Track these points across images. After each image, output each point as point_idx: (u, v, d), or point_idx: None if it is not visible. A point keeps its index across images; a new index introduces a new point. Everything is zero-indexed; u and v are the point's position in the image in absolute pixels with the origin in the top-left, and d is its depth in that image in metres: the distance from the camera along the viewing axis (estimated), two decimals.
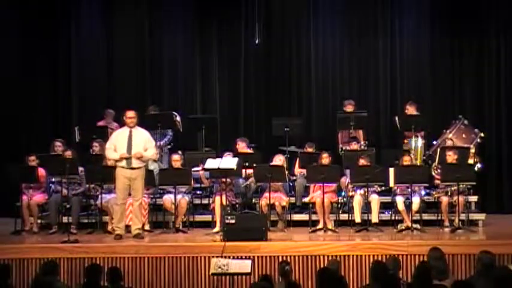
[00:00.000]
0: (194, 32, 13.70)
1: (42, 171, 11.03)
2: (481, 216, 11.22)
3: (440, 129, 12.19)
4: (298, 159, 11.90)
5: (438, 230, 10.69)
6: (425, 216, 10.90)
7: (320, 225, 10.72)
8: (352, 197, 10.92)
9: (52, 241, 10.22)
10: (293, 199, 11.58)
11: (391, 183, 10.74)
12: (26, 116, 13.22)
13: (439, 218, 10.91)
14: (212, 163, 10.54)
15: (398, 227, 10.63)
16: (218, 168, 10.43)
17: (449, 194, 10.83)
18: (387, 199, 11.07)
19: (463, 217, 10.76)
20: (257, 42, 13.16)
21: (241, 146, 11.83)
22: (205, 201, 11.65)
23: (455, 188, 10.63)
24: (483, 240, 10.26)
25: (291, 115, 13.17)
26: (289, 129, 12.25)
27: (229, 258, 8.71)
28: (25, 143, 12.91)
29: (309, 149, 11.89)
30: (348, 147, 11.99)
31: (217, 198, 10.78)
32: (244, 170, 11.23)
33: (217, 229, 10.52)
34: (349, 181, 10.97)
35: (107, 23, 13.79)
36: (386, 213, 11.07)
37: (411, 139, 11.98)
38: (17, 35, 13.34)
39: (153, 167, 11.21)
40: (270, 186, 10.73)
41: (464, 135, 11.93)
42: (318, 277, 7.04)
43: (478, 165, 11.49)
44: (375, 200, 10.76)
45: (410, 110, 12.24)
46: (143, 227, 10.60)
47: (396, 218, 10.85)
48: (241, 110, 13.62)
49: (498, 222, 11.41)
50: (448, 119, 12.38)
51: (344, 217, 11.07)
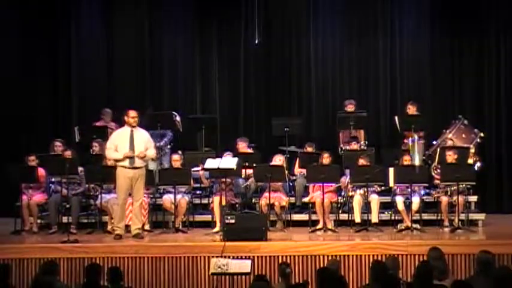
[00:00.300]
0: (194, 32, 13.70)
1: (42, 171, 11.03)
2: (480, 216, 11.22)
3: (440, 129, 12.18)
4: (298, 159, 11.90)
5: (438, 230, 10.70)
6: (425, 216, 10.90)
7: (320, 225, 10.72)
8: (352, 197, 10.92)
9: (52, 241, 10.21)
10: (293, 199, 11.58)
11: (391, 183, 10.75)
12: (26, 116, 13.19)
13: (439, 218, 10.92)
14: (212, 163, 10.54)
15: (398, 227, 10.64)
16: (218, 168, 10.43)
17: (449, 193, 10.83)
18: (387, 199, 11.08)
19: (463, 217, 10.76)
20: (257, 42, 13.17)
21: (242, 145, 11.83)
22: (205, 201, 11.64)
23: (455, 188, 10.63)
24: (483, 240, 10.26)
25: (291, 115, 13.16)
26: (289, 129, 12.24)
27: (229, 258, 8.70)
28: (25, 143, 12.88)
29: (308, 148, 11.89)
30: (348, 147, 11.99)
31: (216, 198, 10.79)
32: (244, 170, 11.23)
33: (217, 229, 10.53)
34: (349, 181, 10.97)
35: (107, 23, 13.79)
36: (386, 213, 11.07)
37: (409, 139, 11.98)
38: (17, 35, 13.33)
39: (152, 166, 11.21)
40: (270, 186, 10.73)
41: (464, 135, 11.92)
42: (317, 277, 7.03)
43: (478, 164, 11.49)
44: (375, 200, 10.76)
45: (412, 110, 12.23)
46: (143, 227, 10.60)
47: (396, 218, 10.86)
48: (241, 110, 13.62)
49: (498, 222, 11.41)
50: (448, 119, 12.37)
51: (344, 217, 11.07)
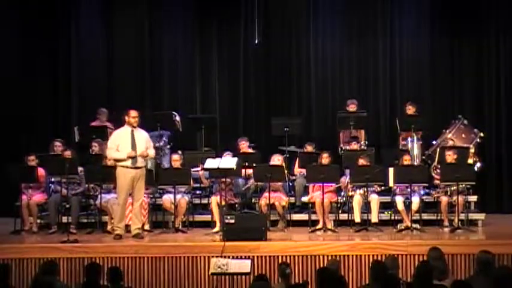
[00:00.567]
0: (194, 32, 13.71)
1: (41, 171, 11.03)
2: (480, 216, 11.22)
3: (440, 129, 12.19)
4: (297, 159, 11.89)
5: (438, 229, 10.70)
6: (425, 216, 10.90)
7: (320, 225, 10.72)
8: (351, 196, 10.91)
9: (51, 241, 10.20)
10: (293, 199, 11.58)
11: (391, 183, 10.75)
12: (26, 116, 13.19)
13: (439, 218, 10.93)
14: (212, 163, 10.54)
15: (398, 226, 10.63)
16: (218, 168, 10.43)
17: (448, 193, 10.83)
18: (387, 199, 11.08)
19: (463, 217, 10.76)
20: (257, 42, 13.17)
21: (244, 145, 11.81)
22: (204, 201, 11.64)
23: (454, 188, 10.64)
24: (483, 240, 10.25)
25: (291, 115, 13.16)
26: (288, 129, 12.22)
27: (228, 258, 8.70)
28: (25, 143, 12.87)
29: (308, 147, 11.88)
30: (348, 147, 11.99)
31: (214, 198, 10.79)
32: (244, 170, 11.22)
33: (217, 229, 10.52)
34: (348, 181, 10.97)
35: (107, 23, 13.79)
36: (386, 213, 11.06)
37: (407, 139, 11.99)
38: (17, 35, 13.33)
39: (149, 165, 11.21)
40: (270, 186, 10.73)
41: (463, 135, 11.92)
42: (317, 277, 7.03)
43: (478, 164, 11.49)
44: (375, 200, 10.75)
45: (412, 110, 12.23)
46: (143, 227, 10.60)
47: (396, 218, 10.86)
48: (241, 109, 13.62)
49: (498, 222, 11.42)
50: (447, 119, 12.37)
51: (344, 217, 11.07)
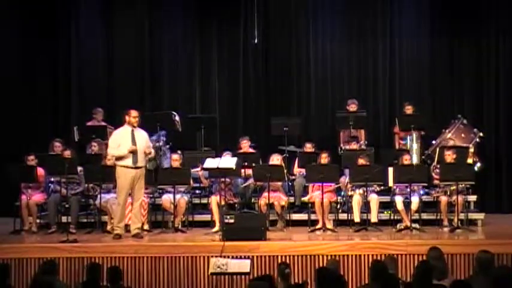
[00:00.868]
0: (194, 32, 13.71)
1: (41, 171, 11.03)
2: (480, 215, 11.22)
3: (439, 129, 12.20)
4: (297, 159, 11.89)
5: (437, 229, 10.70)
6: (425, 215, 10.90)
7: (319, 224, 10.72)
8: (351, 196, 10.92)
9: (51, 241, 10.20)
10: (292, 199, 11.57)
11: (390, 183, 10.75)
12: (26, 116, 13.20)
13: (438, 217, 10.92)
14: (211, 163, 10.54)
15: (398, 226, 10.63)
16: (217, 167, 10.43)
17: (448, 193, 10.83)
18: (386, 199, 11.08)
19: (462, 217, 10.75)
20: (256, 42, 13.17)
21: (246, 144, 11.80)
22: (204, 201, 11.64)
23: (454, 188, 10.64)
24: (482, 239, 10.25)
25: (290, 115, 13.14)
26: (288, 128, 12.22)
27: (228, 257, 8.69)
28: (25, 143, 12.87)
29: (308, 145, 11.87)
30: (348, 147, 11.99)
31: (213, 198, 10.79)
32: (243, 170, 11.22)
33: (216, 229, 10.53)
34: (348, 181, 10.97)
35: (107, 23, 13.80)
36: (386, 212, 11.06)
37: (406, 138, 11.98)
38: (17, 35, 13.34)
39: (150, 166, 11.22)
40: (269, 186, 10.73)
41: (463, 135, 11.93)
42: (317, 277, 7.02)
43: (478, 164, 11.49)
44: (374, 200, 10.75)
45: (411, 110, 12.24)
46: (142, 227, 10.60)
47: (395, 217, 10.86)
48: (241, 109, 13.62)
49: (497, 222, 11.42)
50: (447, 119, 12.38)
51: (343, 217, 11.07)
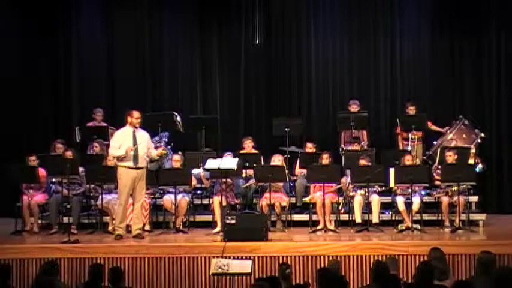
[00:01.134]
0: (194, 32, 13.69)
1: (42, 172, 11.03)
2: (481, 216, 11.22)
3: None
4: (298, 160, 11.88)
5: (438, 230, 10.70)
6: (426, 216, 10.90)
7: (320, 225, 10.71)
8: (352, 197, 10.91)
9: (52, 241, 10.21)
10: (293, 199, 11.57)
11: (392, 184, 10.74)
12: (27, 116, 13.21)
13: (440, 218, 10.91)
14: (212, 163, 10.53)
15: (399, 227, 10.62)
16: (218, 168, 10.42)
17: (449, 194, 10.83)
18: (387, 199, 11.07)
19: (464, 217, 10.73)
20: (257, 42, 13.17)
21: (250, 145, 11.78)
22: (205, 202, 11.64)
23: (455, 188, 10.64)
24: (483, 240, 10.26)
25: (291, 115, 13.13)
26: (289, 129, 12.21)
27: (229, 258, 8.70)
28: (25, 143, 12.90)
29: (308, 144, 11.86)
30: (349, 147, 11.99)
31: (216, 199, 10.79)
32: (244, 171, 11.21)
33: (217, 229, 10.52)
34: (349, 181, 10.96)
35: (107, 23, 13.78)
36: (387, 213, 11.07)
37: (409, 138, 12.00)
38: (17, 35, 13.33)
39: (151, 166, 11.21)
40: (271, 187, 10.72)
41: (464, 136, 11.93)
42: (318, 277, 7.03)
43: (480, 165, 11.47)
44: (375, 200, 10.75)
45: (413, 110, 12.24)
46: (143, 227, 10.60)
47: (396, 218, 10.86)
48: (242, 110, 13.60)
49: (498, 223, 11.43)
50: (448, 119, 12.38)
51: (344, 217, 11.06)
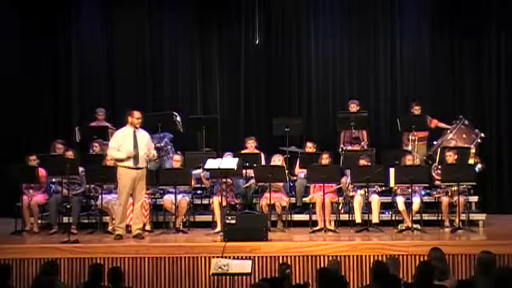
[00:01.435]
0: (194, 32, 13.69)
1: (42, 172, 11.03)
2: (481, 216, 11.22)
3: (440, 129, 12.19)
4: (298, 160, 11.88)
5: (438, 230, 10.69)
6: (426, 216, 10.90)
7: (320, 225, 10.72)
8: (352, 197, 10.91)
9: (52, 241, 10.21)
10: (293, 199, 11.57)
11: (392, 184, 10.74)
12: (27, 116, 13.21)
13: (440, 218, 10.91)
14: (212, 163, 10.52)
15: (399, 227, 10.62)
16: (218, 168, 10.42)
17: (449, 194, 10.83)
18: (387, 199, 11.07)
19: (464, 217, 10.73)
20: (257, 42, 13.17)
21: (252, 145, 11.77)
22: (205, 202, 11.64)
23: (455, 188, 10.64)
24: (483, 240, 10.26)
25: (291, 115, 13.13)
26: (289, 129, 12.21)
27: (229, 258, 8.70)
28: (25, 143, 12.89)
29: (308, 144, 11.86)
30: (349, 147, 11.99)
31: (216, 199, 10.78)
32: (244, 171, 11.21)
33: (217, 229, 10.52)
34: (349, 181, 10.96)
35: (107, 23, 13.79)
36: (387, 213, 11.07)
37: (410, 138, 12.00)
38: (17, 35, 13.33)
39: (151, 165, 11.20)
40: (271, 187, 10.72)
41: (464, 136, 11.93)
42: (318, 277, 7.03)
43: (479, 165, 11.48)
44: (375, 200, 10.75)
45: (418, 110, 12.22)
46: (144, 227, 10.60)
47: (396, 218, 10.86)
48: (242, 110, 13.60)
49: (498, 223, 11.44)
50: (448, 119, 12.37)
51: (344, 217, 11.06)
